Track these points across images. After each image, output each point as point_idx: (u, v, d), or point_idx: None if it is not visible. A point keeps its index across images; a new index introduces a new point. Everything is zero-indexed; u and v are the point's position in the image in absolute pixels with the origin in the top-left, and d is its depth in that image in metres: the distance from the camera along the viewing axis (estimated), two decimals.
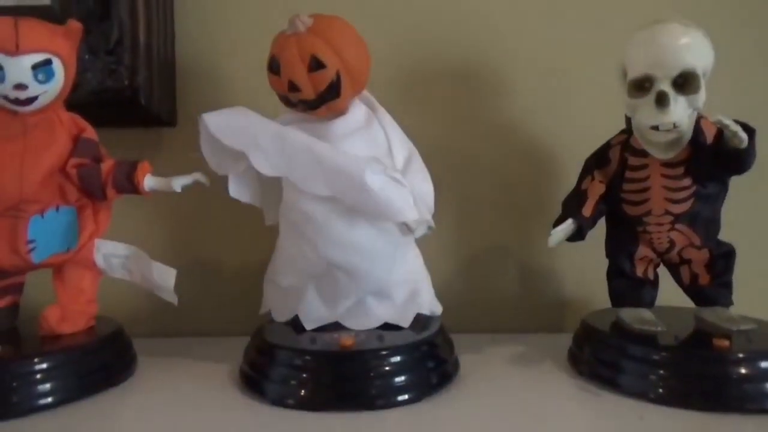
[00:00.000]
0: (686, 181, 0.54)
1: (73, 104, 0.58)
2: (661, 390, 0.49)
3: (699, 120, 0.53)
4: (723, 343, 0.49)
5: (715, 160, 0.52)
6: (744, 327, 0.52)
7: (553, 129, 0.73)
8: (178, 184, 0.56)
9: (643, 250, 0.58)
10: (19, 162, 0.53)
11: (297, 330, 0.55)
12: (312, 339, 0.53)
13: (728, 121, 0.48)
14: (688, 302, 0.59)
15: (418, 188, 0.55)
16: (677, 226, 0.55)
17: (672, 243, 0.56)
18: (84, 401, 0.51)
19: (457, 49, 0.73)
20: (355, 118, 0.55)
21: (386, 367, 0.50)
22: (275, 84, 0.54)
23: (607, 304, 0.61)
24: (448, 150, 0.72)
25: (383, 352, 0.51)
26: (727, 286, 0.57)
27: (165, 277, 0.57)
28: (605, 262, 0.61)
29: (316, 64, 0.51)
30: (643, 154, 0.55)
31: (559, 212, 0.59)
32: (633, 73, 0.52)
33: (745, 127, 0.49)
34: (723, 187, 0.55)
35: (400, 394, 0.50)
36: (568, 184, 0.62)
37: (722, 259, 0.56)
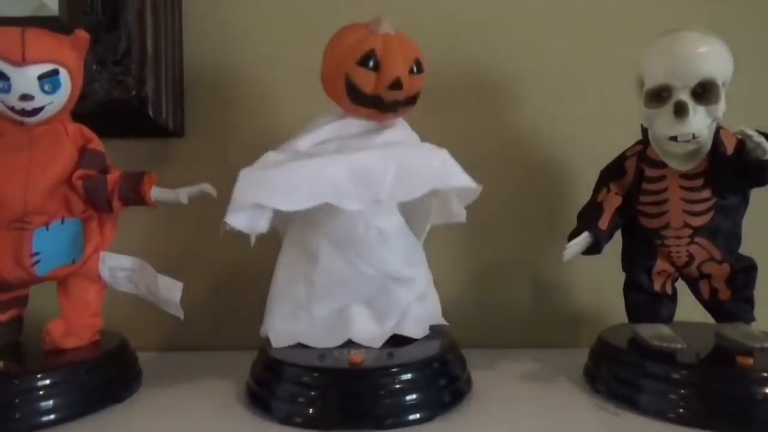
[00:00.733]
0: (706, 193, 0.52)
1: (80, 115, 0.57)
2: (681, 410, 0.48)
3: (718, 130, 0.52)
4: (747, 361, 0.48)
5: (736, 171, 0.50)
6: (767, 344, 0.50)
7: (567, 140, 0.72)
8: (184, 195, 0.55)
9: (661, 264, 0.56)
10: (25, 173, 0.53)
11: (305, 346, 0.54)
12: (321, 355, 0.52)
13: (751, 132, 0.47)
14: (706, 318, 0.58)
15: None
16: (697, 239, 0.54)
17: (691, 257, 0.55)
18: (89, 417, 0.50)
19: (470, 61, 0.72)
20: (404, 127, 0.57)
21: (397, 385, 0.49)
22: (368, 80, 0.51)
23: (623, 319, 0.59)
24: (460, 162, 0.71)
25: (394, 370, 0.49)
26: (748, 301, 0.55)
27: (171, 291, 0.56)
28: (621, 276, 0.59)
29: (418, 68, 0.52)
30: (661, 165, 0.53)
31: (573, 225, 0.58)
32: (650, 83, 0.51)
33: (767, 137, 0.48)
34: (744, 199, 0.54)
35: (412, 413, 0.48)
36: (582, 196, 0.61)
37: (743, 273, 0.55)
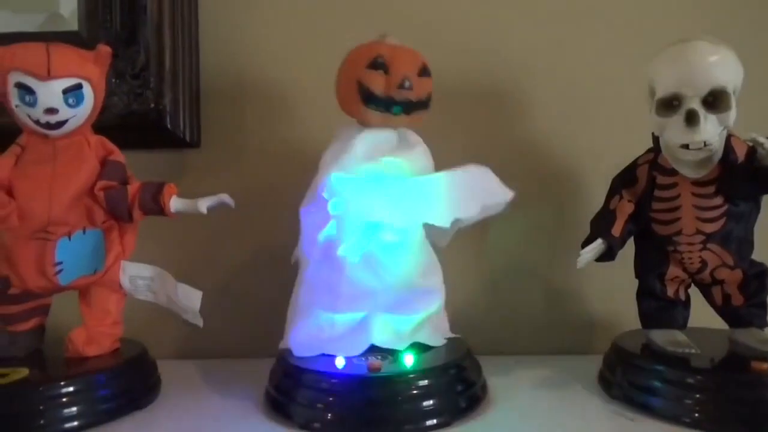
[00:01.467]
0: (717, 200, 0.53)
1: (99, 127, 0.58)
2: (697, 414, 0.48)
3: (729, 138, 0.52)
4: (762, 366, 0.48)
5: (747, 178, 0.51)
6: None
7: (579, 148, 0.73)
8: (203, 205, 0.56)
9: (673, 270, 0.57)
10: (49, 185, 0.54)
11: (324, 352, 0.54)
12: (340, 362, 0.52)
13: (763, 139, 0.47)
14: (719, 323, 0.58)
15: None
16: (709, 245, 0.54)
17: (704, 263, 0.55)
18: (110, 424, 0.51)
19: (484, 71, 0.73)
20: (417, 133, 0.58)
21: (414, 391, 0.49)
22: (378, 81, 0.53)
23: (635, 325, 0.60)
24: None
25: (411, 376, 0.50)
26: (761, 306, 0.56)
27: (191, 299, 0.56)
28: (634, 282, 0.60)
29: (425, 71, 0.55)
30: (672, 172, 0.54)
31: (586, 232, 0.59)
32: (662, 92, 0.51)
33: None
34: (755, 205, 0.55)
35: (429, 418, 0.49)
36: (594, 204, 0.61)
37: (756, 279, 0.55)
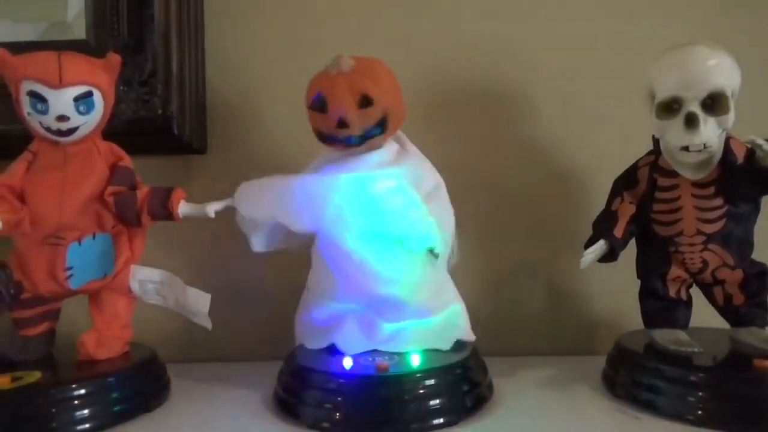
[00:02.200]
0: (717, 201, 0.54)
1: (108, 133, 0.59)
2: (700, 412, 0.49)
3: (728, 140, 0.53)
4: (763, 364, 0.49)
5: (747, 179, 0.52)
6: None
7: (581, 150, 0.74)
8: (212, 209, 0.57)
9: (675, 271, 0.58)
10: (59, 190, 0.55)
11: (332, 353, 0.55)
12: (347, 362, 0.53)
13: (761, 141, 0.48)
14: (721, 323, 0.59)
15: (438, 217, 0.56)
16: (710, 246, 0.55)
17: (705, 263, 0.56)
18: (121, 427, 0.51)
19: (481, 73, 0.74)
20: (389, 152, 0.56)
21: (421, 391, 0.50)
22: (319, 122, 0.54)
23: (638, 325, 0.60)
24: (474, 172, 0.73)
25: (418, 375, 0.51)
26: (762, 306, 0.56)
27: (200, 302, 0.57)
28: (636, 283, 0.60)
29: (366, 102, 0.52)
30: (673, 174, 0.55)
31: (588, 233, 0.59)
32: (661, 95, 0.52)
33: None
34: (755, 206, 0.55)
35: (436, 417, 0.49)
36: (595, 205, 0.62)
37: (756, 279, 0.56)
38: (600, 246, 0.57)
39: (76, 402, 0.50)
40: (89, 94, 0.54)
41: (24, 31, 0.70)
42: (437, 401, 0.50)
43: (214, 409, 0.55)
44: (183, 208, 0.58)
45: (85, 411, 0.50)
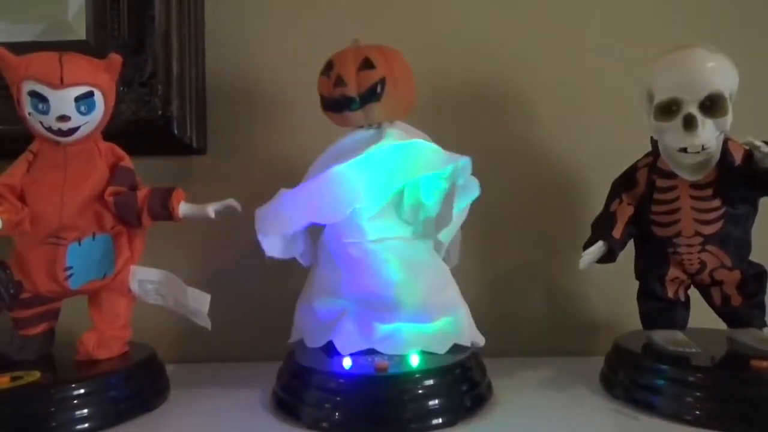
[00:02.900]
0: (716, 202, 0.54)
1: (108, 134, 0.59)
2: (698, 412, 0.49)
3: (726, 141, 0.54)
4: (761, 364, 0.49)
5: (745, 181, 0.52)
6: None
7: (579, 151, 0.74)
8: (212, 210, 0.57)
9: (673, 272, 0.58)
10: (60, 191, 0.55)
11: (330, 353, 0.55)
12: (346, 362, 0.53)
13: (759, 143, 0.48)
14: (719, 324, 0.59)
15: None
16: (708, 247, 0.55)
17: (703, 264, 0.56)
18: (120, 426, 0.51)
19: (480, 75, 0.75)
20: (399, 133, 0.57)
21: (420, 391, 0.50)
22: (323, 85, 0.57)
23: (637, 326, 0.60)
24: (475, 173, 0.73)
25: (417, 376, 0.51)
26: (759, 307, 0.57)
27: (200, 302, 0.57)
28: (634, 284, 0.61)
29: (366, 64, 0.55)
30: (671, 176, 0.55)
31: (587, 234, 0.60)
32: (660, 97, 0.53)
33: None
34: (753, 208, 0.56)
35: (435, 417, 0.49)
36: (594, 206, 0.62)
37: (754, 279, 0.56)
38: (599, 247, 0.57)
39: (75, 402, 0.50)
40: (90, 94, 0.54)
41: (24, 31, 0.70)
42: (436, 401, 0.50)
43: (213, 408, 0.55)
44: (183, 208, 0.58)
45: (85, 411, 0.50)
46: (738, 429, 0.47)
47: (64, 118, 0.53)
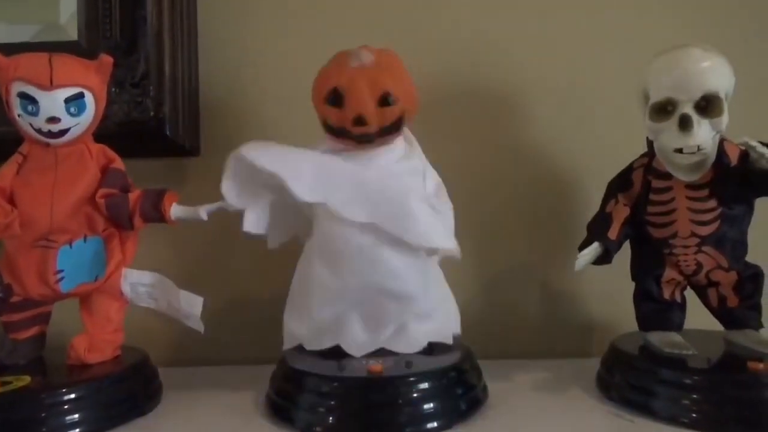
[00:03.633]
0: (711, 203, 0.54)
1: (100, 135, 0.59)
2: (694, 414, 0.49)
3: (722, 142, 0.53)
4: (757, 365, 0.49)
5: (741, 181, 0.52)
6: None
7: (576, 152, 0.74)
8: (204, 212, 0.57)
9: (669, 273, 0.58)
10: (50, 193, 0.54)
11: (324, 356, 0.55)
12: (340, 365, 0.53)
13: (755, 143, 0.48)
14: (715, 326, 0.59)
15: (445, 213, 0.57)
16: (704, 248, 0.55)
17: (699, 265, 0.56)
18: (112, 431, 0.51)
19: (478, 74, 0.74)
20: (398, 149, 0.56)
21: (415, 394, 0.50)
22: (332, 116, 0.53)
23: (633, 327, 0.60)
24: (470, 173, 0.73)
25: (412, 379, 0.50)
26: (756, 308, 0.56)
27: (192, 305, 0.57)
28: (630, 285, 0.60)
29: (386, 101, 0.52)
30: (667, 176, 0.55)
31: (583, 235, 0.60)
32: (656, 97, 0.52)
33: None
34: (749, 208, 0.55)
35: (430, 421, 0.49)
36: (590, 207, 0.62)
37: (750, 280, 0.56)
38: (594, 248, 0.57)
39: (66, 406, 0.50)
40: (80, 95, 0.54)
41: (16, 33, 0.69)
42: (431, 404, 0.50)
43: (206, 412, 0.54)
44: (175, 210, 0.57)
45: (76, 415, 0.50)
46: (735, 431, 0.47)
47: (53, 119, 0.53)
